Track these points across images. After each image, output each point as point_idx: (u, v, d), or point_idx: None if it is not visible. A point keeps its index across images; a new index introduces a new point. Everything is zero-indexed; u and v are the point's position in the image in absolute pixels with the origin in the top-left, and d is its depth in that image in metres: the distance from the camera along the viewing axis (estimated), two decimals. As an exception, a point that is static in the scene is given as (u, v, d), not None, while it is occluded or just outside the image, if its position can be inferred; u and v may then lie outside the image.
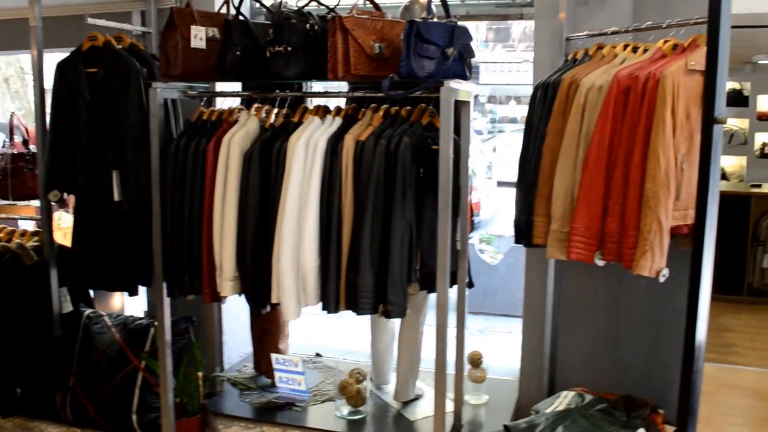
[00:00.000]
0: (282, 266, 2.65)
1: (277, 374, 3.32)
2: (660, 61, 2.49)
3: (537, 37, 3.15)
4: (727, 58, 2.05)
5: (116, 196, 3.13)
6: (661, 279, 2.37)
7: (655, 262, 2.33)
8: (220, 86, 3.19)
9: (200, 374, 3.26)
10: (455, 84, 2.55)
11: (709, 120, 2.05)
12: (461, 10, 3.57)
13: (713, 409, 4.05)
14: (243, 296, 2.86)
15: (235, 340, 3.86)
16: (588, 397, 2.95)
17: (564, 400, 2.97)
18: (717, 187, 2.11)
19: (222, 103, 3.24)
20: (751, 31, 5.01)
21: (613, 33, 2.82)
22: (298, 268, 2.66)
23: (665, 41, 2.59)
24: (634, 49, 2.68)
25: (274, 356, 3.31)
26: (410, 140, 2.56)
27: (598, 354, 3.26)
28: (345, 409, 3.21)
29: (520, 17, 3.60)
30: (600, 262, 2.49)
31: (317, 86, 3.31)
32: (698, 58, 2.33)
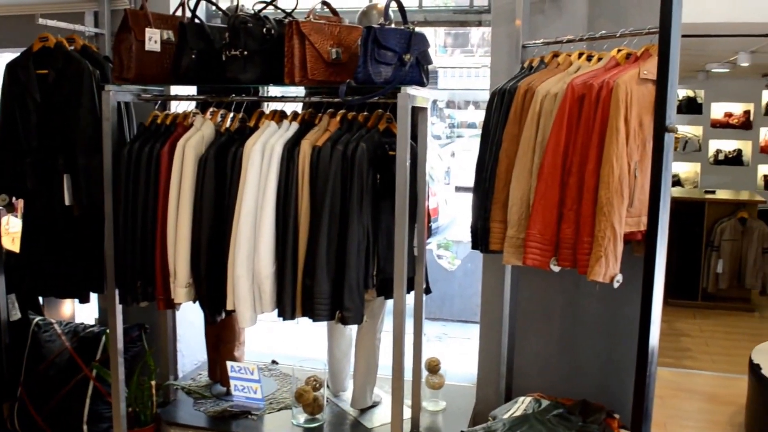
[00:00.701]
0: (237, 272, 2.62)
1: (232, 382, 3.27)
2: (614, 69, 2.52)
3: (494, 44, 3.16)
4: (678, 68, 2.08)
5: (67, 201, 3.06)
6: (615, 285, 2.39)
7: (609, 268, 2.35)
8: (175, 90, 3.15)
9: (153, 383, 3.21)
10: (412, 90, 2.55)
11: (660, 129, 2.09)
12: (419, 16, 3.57)
13: (668, 413, 4.12)
14: (197, 303, 2.82)
15: (190, 347, 3.80)
16: (545, 403, 2.96)
17: (521, 405, 2.98)
18: (669, 194, 2.14)
19: (177, 107, 3.18)
20: (704, 39, 5.12)
21: (569, 41, 2.84)
22: (253, 274, 2.63)
23: (619, 50, 2.62)
24: (589, 58, 2.71)
25: (229, 364, 3.26)
26: (367, 146, 2.55)
27: (555, 359, 3.29)
28: (302, 417, 3.18)
29: (478, 24, 3.62)
30: (555, 268, 2.50)
31: (274, 91, 3.28)
32: (651, 68, 2.36)
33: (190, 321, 3.72)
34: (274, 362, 3.89)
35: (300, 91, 3.03)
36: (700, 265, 6.59)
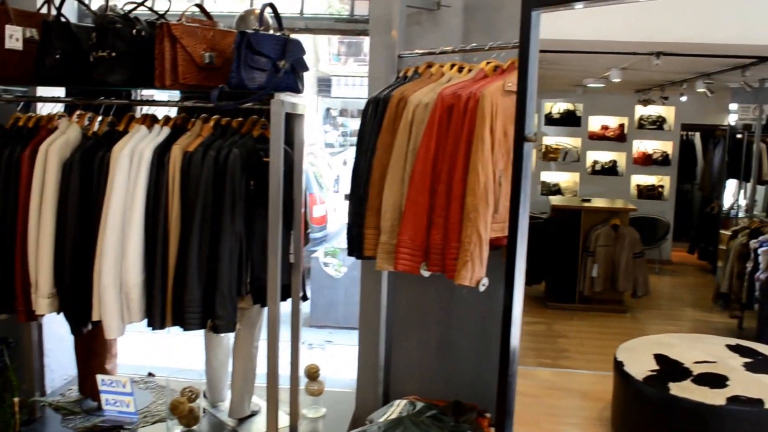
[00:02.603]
0: (104, 282, 2.53)
1: (103, 396, 3.14)
2: (482, 81, 2.60)
3: (372, 53, 3.21)
4: (536, 80, 2.16)
5: None
6: (481, 288, 2.46)
7: (475, 272, 2.42)
8: (41, 91, 3.01)
9: (17, 400, 3.04)
10: (286, 97, 2.54)
11: (519, 138, 2.16)
12: (300, 23, 3.58)
13: (543, 411, 4.25)
14: (62, 314, 2.70)
15: (59, 362, 3.63)
16: (419, 405, 3.02)
17: (396, 408, 3.02)
18: (528, 199, 2.21)
19: (41, 109, 3.05)
20: (581, 55, 5.35)
21: (442, 53, 2.91)
22: (121, 283, 2.55)
23: (488, 62, 2.71)
24: (460, 69, 2.79)
25: (99, 377, 3.13)
26: (240, 152, 2.53)
27: (431, 362, 3.35)
28: (177, 429, 3.09)
29: (360, 33, 3.65)
30: (425, 273, 2.56)
31: (147, 94, 3.19)
32: (515, 80, 2.44)
33: (59, 334, 3.55)
34: (150, 374, 3.77)
35: (175, 95, 2.96)
36: (577, 270, 6.86)
